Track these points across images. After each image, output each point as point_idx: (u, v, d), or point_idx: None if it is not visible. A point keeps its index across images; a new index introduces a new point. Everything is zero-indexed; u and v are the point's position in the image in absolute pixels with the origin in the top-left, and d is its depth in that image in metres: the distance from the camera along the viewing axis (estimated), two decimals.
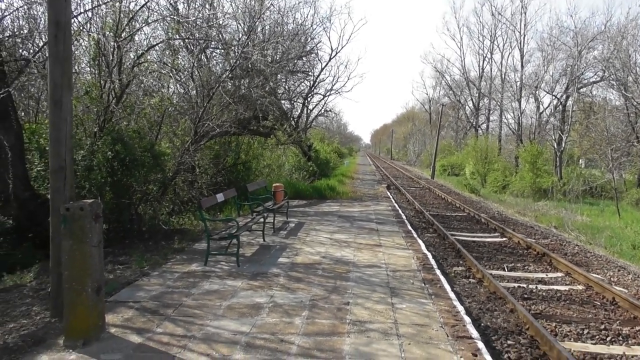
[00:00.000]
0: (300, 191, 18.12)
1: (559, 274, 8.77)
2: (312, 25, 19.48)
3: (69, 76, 4.62)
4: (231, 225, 8.03)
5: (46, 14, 5.12)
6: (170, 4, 12.51)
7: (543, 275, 8.72)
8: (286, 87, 20.97)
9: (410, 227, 11.88)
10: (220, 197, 8.58)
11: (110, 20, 8.65)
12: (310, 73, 20.29)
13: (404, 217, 13.86)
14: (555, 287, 7.88)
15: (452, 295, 6.38)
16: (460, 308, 5.83)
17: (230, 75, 12.88)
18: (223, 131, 12.46)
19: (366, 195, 20.04)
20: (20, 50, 8.78)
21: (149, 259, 7.89)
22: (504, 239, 12.12)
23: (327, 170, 28.98)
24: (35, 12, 9.06)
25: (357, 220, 12.81)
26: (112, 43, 8.59)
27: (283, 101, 22.04)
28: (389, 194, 21.49)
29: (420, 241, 10.06)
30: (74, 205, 4.52)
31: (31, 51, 9.06)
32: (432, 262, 8.25)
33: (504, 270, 9.06)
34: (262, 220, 9.75)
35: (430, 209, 17.77)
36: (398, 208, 15.95)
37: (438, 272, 7.59)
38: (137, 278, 6.79)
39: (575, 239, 13.40)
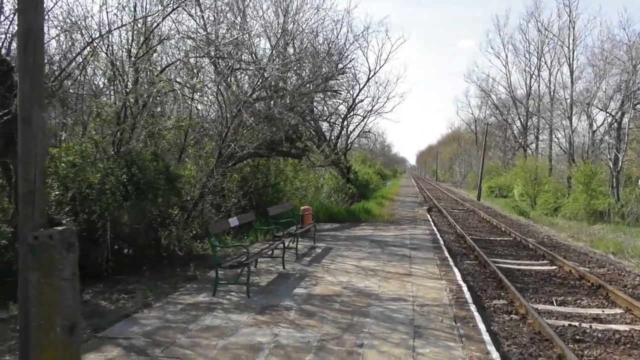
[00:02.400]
0: (333, 214, 17.40)
1: (618, 310, 7.61)
2: (345, 44, 18.97)
3: (40, 91, 4.19)
4: (244, 252, 7.44)
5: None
6: (197, 24, 12.32)
7: (598, 311, 7.58)
8: (323, 107, 20.48)
9: (447, 254, 10.93)
10: (233, 221, 8.03)
11: (125, 39, 8.42)
12: (340, 93, 19.69)
13: (441, 242, 12.90)
14: (614, 327, 6.76)
15: (486, 337, 5.48)
16: (495, 354, 4.94)
17: (257, 96, 12.50)
18: (250, 152, 12.01)
19: (404, 219, 19.09)
20: None
21: (157, 287, 7.39)
22: (554, 267, 10.93)
23: (367, 192, 28.14)
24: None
25: (390, 245, 11.95)
26: (128, 63, 8.34)
27: (321, 122, 21.56)
28: (429, 216, 20.45)
29: (456, 270, 9.14)
30: (42, 233, 4.05)
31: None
32: (467, 295, 7.34)
33: (552, 304, 7.98)
34: (281, 246, 9.13)
35: (473, 233, 16.62)
36: (437, 232, 14.96)
37: (473, 307, 6.69)
38: (138, 310, 6.27)
39: (636, 267, 11.96)
